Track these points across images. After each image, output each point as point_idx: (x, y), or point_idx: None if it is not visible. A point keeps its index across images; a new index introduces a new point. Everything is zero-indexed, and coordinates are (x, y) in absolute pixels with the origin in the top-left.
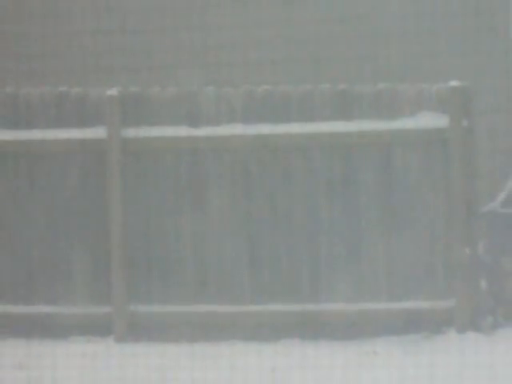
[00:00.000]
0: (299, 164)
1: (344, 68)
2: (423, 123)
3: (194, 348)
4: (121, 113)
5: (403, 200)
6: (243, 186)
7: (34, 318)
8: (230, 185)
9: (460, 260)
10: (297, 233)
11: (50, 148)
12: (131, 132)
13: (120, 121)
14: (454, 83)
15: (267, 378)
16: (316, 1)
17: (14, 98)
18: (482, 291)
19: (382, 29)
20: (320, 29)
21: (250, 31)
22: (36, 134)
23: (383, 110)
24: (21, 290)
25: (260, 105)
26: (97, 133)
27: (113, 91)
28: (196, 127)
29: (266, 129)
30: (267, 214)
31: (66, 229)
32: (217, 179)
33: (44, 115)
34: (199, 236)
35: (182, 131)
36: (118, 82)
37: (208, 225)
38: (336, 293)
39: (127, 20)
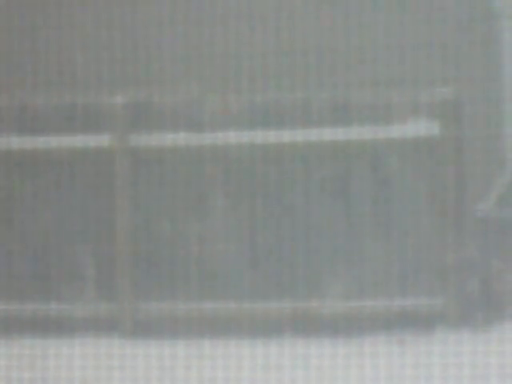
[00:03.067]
0: (299, 169)
1: (342, 76)
2: (415, 130)
3: (196, 345)
4: (126, 120)
5: (398, 203)
6: (245, 191)
7: (42, 316)
8: (233, 190)
9: (452, 260)
10: (296, 236)
11: (60, 154)
12: (137, 139)
13: (127, 128)
14: (444, 91)
15: (268, 373)
16: (313, 12)
17: (24, 107)
18: (473, 290)
19: (377, 38)
20: (319, 39)
21: (253, 41)
22: (46, 141)
23: (378, 118)
24: (31, 289)
25: (261, 112)
26: (104, 140)
27: (119, 99)
28: (200, 134)
29: (267, 135)
30: (266, 215)
31: (76, 231)
32: (220, 184)
33: (53, 123)
34: (203, 237)
35: (187, 138)
36: (124, 90)
37: (211, 227)
38: (334, 291)
39: (135, 31)
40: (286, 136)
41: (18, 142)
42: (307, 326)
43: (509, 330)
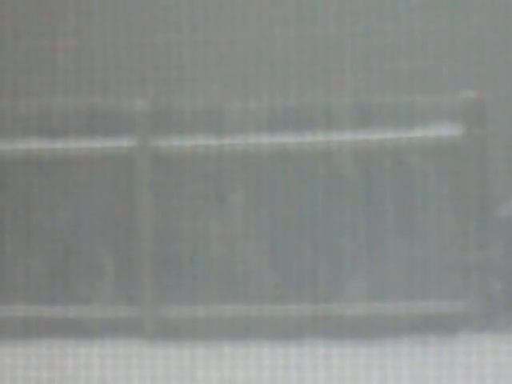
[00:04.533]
0: (321, 172)
1: (364, 80)
2: (438, 133)
3: (218, 347)
4: (149, 123)
5: (421, 205)
6: (267, 193)
7: (63, 319)
8: (253, 192)
9: (475, 261)
10: (317, 235)
11: (80, 157)
12: (160, 142)
13: (148, 131)
14: (467, 93)
15: (289, 376)
16: (335, 16)
17: (46, 109)
18: (497, 292)
19: (400, 41)
20: (339, 43)
21: (274, 44)
22: (66, 144)
23: (400, 120)
24: (52, 291)
25: (284, 116)
26: (127, 142)
27: (142, 103)
28: (222, 137)
29: (289, 138)
30: (290, 219)
31: (97, 233)
32: (240, 186)
33: (74, 126)
34: (223, 239)
35: (209, 141)
36: (147, 93)
37: (232, 229)
38: (355, 292)
39: (156, 35)
40: (308, 139)
41: (38, 145)
42: (328, 327)
43: None
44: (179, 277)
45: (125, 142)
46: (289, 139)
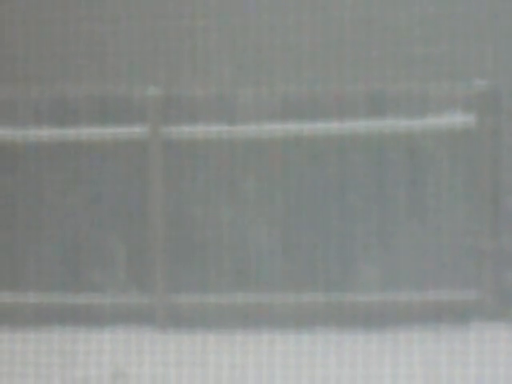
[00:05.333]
0: (333, 161)
1: (377, 68)
2: (451, 122)
3: (229, 336)
4: (161, 111)
5: (433, 195)
6: (280, 181)
7: (75, 307)
8: (267, 179)
9: (488, 251)
10: (329, 224)
11: (92, 146)
12: (171, 130)
13: (160, 119)
14: (480, 82)
15: (303, 364)
16: (348, 3)
17: (59, 97)
18: (509, 284)
19: (412, 29)
20: (353, 30)
21: (287, 33)
22: (78, 133)
23: (414, 109)
24: (63, 279)
25: (297, 104)
26: (139, 131)
27: (154, 90)
28: (234, 125)
29: (302, 127)
30: (299, 207)
31: (109, 220)
32: (252, 173)
33: (86, 114)
34: (234, 227)
35: (221, 129)
36: (155, 81)
37: (244, 218)
38: (366, 282)
39: (168, 21)
40: (321, 127)
41: (50, 134)
42: (341, 315)
43: None
44: (191, 265)
45: (137, 129)
46: (301, 126)
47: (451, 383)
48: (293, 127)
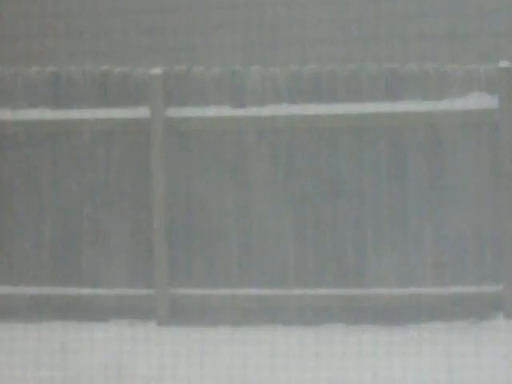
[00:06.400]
0: (345, 144)
1: (390, 48)
2: (471, 104)
3: (235, 332)
4: (164, 92)
5: (451, 182)
6: (287, 165)
7: (73, 300)
8: (274, 164)
9: (508, 243)
10: (342, 214)
11: (93, 126)
12: (175, 111)
13: (164, 100)
14: (503, 64)
15: (310, 365)
16: None
17: (56, 77)
18: None
19: (428, 7)
20: (365, 8)
21: (294, 10)
22: (79, 113)
23: (430, 91)
24: (60, 271)
25: (305, 85)
26: (140, 112)
27: (157, 70)
28: (240, 107)
29: (310, 109)
30: (312, 194)
31: (109, 207)
32: (261, 158)
33: (87, 94)
34: (242, 215)
35: (226, 111)
36: (160, 61)
37: (251, 204)
38: (382, 276)
39: (172, 0)
40: (336, 109)
41: (51, 114)
42: (357, 312)
43: None
44: (194, 258)
45: (139, 112)
46: (310, 110)
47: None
48: (300, 110)
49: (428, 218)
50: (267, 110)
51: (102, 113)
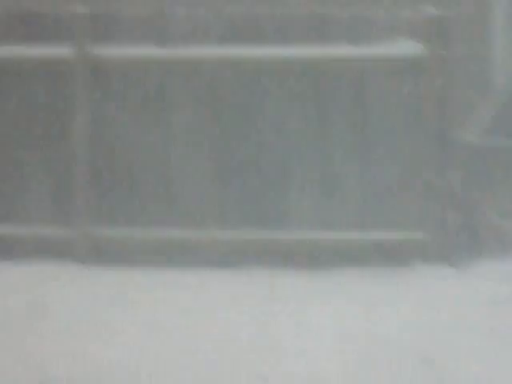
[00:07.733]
0: (269, 87)
1: None
2: (397, 51)
3: (156, 274)
4: (89, 30)
5: (375, 128)
6: (212, 107)
7: None
8: (198, 104)
9: (431, 191)
10: (267, 157)
11: (18, 65)
12: (99, 50)
13: (88, 38)
14: (430, 10)
15: (231, 308)
16: None
17: None
18: (455, 225)
19: None
20: None
21: None
22: (3, 51)
23: (357, 36)
24: None
25: (233, 27)
26: (65, 50)
27: (82, 8)
28: (166, 47)
29: (236, 51)
30: (237, 137)
31: (30, 145)
32: (185, 98)
33: (10, 32)
34: (165, 156)
35: (152, 51)
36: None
37: (175, 145)
38: (306, 221)
39: None
40: (262, 52)
41: None
42: (275, 256)
43: (488, 265)
44: (115, 197)
45: (63, 50)
46: (236, 51)
47: (387, 327)
48: (227, 51)
49: (352, 163)
50: (192, 51)
51: (27, 50)
